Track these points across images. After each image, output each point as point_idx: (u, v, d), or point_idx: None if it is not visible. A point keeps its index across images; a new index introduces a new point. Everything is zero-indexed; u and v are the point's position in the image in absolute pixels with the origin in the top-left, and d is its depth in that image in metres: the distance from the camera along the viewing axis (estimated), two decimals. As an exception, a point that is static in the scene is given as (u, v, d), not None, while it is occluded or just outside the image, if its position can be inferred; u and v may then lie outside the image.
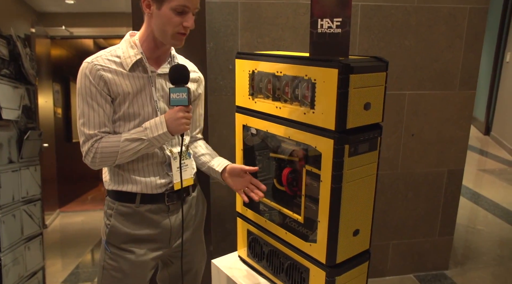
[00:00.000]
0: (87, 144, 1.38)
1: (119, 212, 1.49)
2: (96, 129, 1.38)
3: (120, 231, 1.49)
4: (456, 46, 2.51)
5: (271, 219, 1.58)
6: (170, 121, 1.39)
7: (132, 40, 1.45)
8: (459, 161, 2.73)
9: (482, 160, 5.82)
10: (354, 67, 1.20)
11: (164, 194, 1.51)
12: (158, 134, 1.39)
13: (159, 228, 1.53)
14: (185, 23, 1.37)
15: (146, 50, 1.44)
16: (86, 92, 1.37)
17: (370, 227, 1.44)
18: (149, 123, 1.40)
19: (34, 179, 2.94)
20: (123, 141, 1.38)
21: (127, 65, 1.41)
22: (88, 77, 1.36)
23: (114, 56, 1.42)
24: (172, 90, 1.38)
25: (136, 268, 1.51)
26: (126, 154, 1.39)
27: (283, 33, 2.28)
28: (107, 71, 1.38)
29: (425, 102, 2.57)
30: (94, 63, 1.37)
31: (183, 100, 1.38)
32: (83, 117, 1.38)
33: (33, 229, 2.86)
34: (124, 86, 1.40)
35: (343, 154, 1.25)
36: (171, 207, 1.54)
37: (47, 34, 5.06)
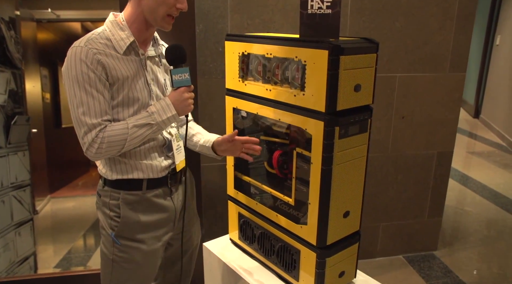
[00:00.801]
0: (90, 134, 1.29)
1: (126, 201, 1.44)
2: (99, 118, 1.30)
3: (131, 221, 1.44)
4: (447, 28, 2.51)
5: (262, 201, 1.59)
6: (177, 103, 1.37)
7: (119, 21, 1.38)
8: (449, 143, 2.75)
9: (471, 143, 5.88)
10: (344, 48, 1.19)
11: (167, 177, 1.50)
12: (167, 117, 1.36)
13: (165, 211, 1.51)
14: (178, 4, 1.33)
15: (135, 32, 1.38)
16: (84, 78, 1.28)
17: (360, 208, 1.45)
18: (155, 107, 1.36)
19: (23, 164, 2.91)
20: (131, 128, 1.32)
21: (121, 49, 1.35)
22: (85, 62, 1.28)
23: (104, 39, 1.34)
24: (173, 71, 1.35)
25: (149, 257, 1.50)
26: (134, 140, 1.34)
27: (273, 15, 2.26)
28: (103, 55, 1.31)
29: (416, 85, 2.57)
30: (89, 47, 1.29)
31: (186, 81, 1.37)
32: (82, 106, 1.29)
33: (23, 214, 2.85)
34: (123, 71, 1.34)
35: (333, 135, 1.25)
36: (173, 189, 1.53)
37: (32, 17, 4.94)
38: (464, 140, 5.96)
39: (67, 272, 2.65)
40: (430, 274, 2.75)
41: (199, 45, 2.19)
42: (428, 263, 2.87)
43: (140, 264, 1.49)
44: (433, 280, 2.70)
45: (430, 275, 2.74)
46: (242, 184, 1.68)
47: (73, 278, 2.36)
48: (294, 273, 1.47)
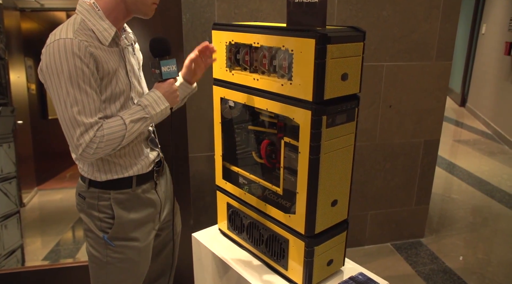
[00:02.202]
0: (88, 134, 1.22)
1: (117, 200, 1.41)
2: (95, 116, 1.23)
3: (126, 220, 1.43)
4: (433, 17, 2.51)
5: (250, 191, 1.59)
6: (167, 95, 1.36)
7: (94, 9, 1.28)
8: (435, 131, 2.78)
9: (457, 131, 5.96)
10: (331, 37, 1.18)
11: (153, 171, 1.50)
12: (160, 110, 1.34)
13: (153, 205, 1.51)
14: None
15: (113, 21, 1.32)
16: (77, 74, 1.18)
17: (348, 197, 1.46)
18: (147, 100, 1.33)
19: (8, 156, 2.87)
20: (129, 123, 1.28)
21: (106, 40, 1.28)
22: (79, 56, 1.18)
23: (87, 29, 1.25)
24: (163, 63, 1.34)
25: (143, 253, 1.50)
26: (131, 136, 1.31)
27: (260, 4, 2.24)
28: (93, 48, 1.23)
29: (403, 74, 2.58)
30: (80, 39, 1.19)
31: (173, 72, 1.37)
32: (77, 105, 1.20)
33: (9, 207, 2.81)
34: (111, 63, 1.29)
35: (321, 125, 1.25)
36: (157, 182, 1.53)
37: (15, 6, 4.84)
38: (451, 128, 6.03)
39: (56, 264, 2.63)
40: (417, 261, 2.80)
41: (186, 34, 2.17)
42: (415, 250, 2.92)
43: (136, 261, 1.48)
44: (420, 266, 2.75)
45: (417, 262, 2.79)
46: (230, 174, 1.68)
47: (62, 270, 2.35)
48: (283, 262, 1.48)
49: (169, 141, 1.70)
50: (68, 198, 4.70)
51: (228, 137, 1.67)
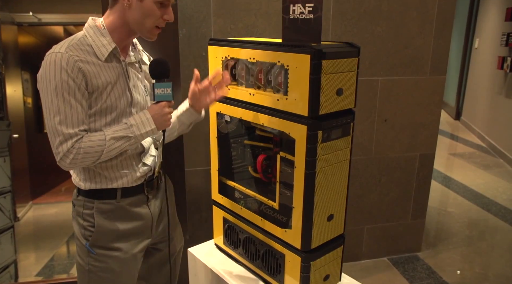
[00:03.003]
0: (66, 144, 1.26)
1: (100, 210, 1.42)
2: (76, 128, 1.27)
3: (106, 230, 1.43)
4: (427, 32, 2.55)
5: (246, 206, 1.58)
6: (157, 117, 1.35)
7: (99, 26, 1.35)
8: (430, 145, 2.80)
9: (452, 144, 5.99)
10: (326, 53, 1.20)
11: (143, 184, 1.49)
12: (145, 131, 1.35)
13: (141, 219, 1.50)
14: (165, 16, 1.33)
15: (116, 39, 1.36)
16: (63, 86, 1.24)
17: (344, 212, 1.46)
18: (134, 120, 1.34)
19: (4, 170, 2.85)
20: (109, 140, 1.30)
21: (102, 55, 1.32)
22: (66, 70, 1.24)
23: (85, 45, 1.31)
24: (156, 85, 1.34)
25: (125, 264, 1.48)
26: (111, 152, 1.32)
27: (256, 20, 2.26)
28: (85, 63, 1.28)
29: (397, 88, 2.61)
30: (70, 54, 1.26)
31: (168, 96, 1.35)
32: (59, 115, 1.25)
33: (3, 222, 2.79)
34: (103, 78, 1.32)
35: (317, 139, 1.26)
36: (150, 196, 1.52)
37: (13, 20, 4.87)
38: (446, 142, 6.06)
39: (49, 280, 2.60)
40: (414, 276, 2.78)
41: (183, 49, 2.19)
42: (412, 264, 2.91)
43: (117, 272, 1.47)
44: (417, 281, 2.73)
45: (414, 277, 2.77)
46: (226, 188, 1.68)
47: (56, 286, 2.32)
48: (279, 278, 1.47)
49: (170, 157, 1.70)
50: (63, 212, 4.66)
51: (224, 152, 1.67)
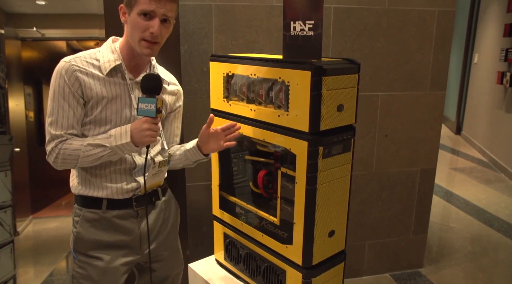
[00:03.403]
0: (52, 143, 1.36)
1: (85, 218, 1.47)
2: (63, 130, 1.36)
3: (86, 238, 1.47)
4: (426, 47, 2.57)
5: (247, 221, 1.58)
6: (135, 132, 1.35)
7: (114, 46, 1.44)
8: (431, 160, 2.80)
9: (453, 159, 5.98)
10: (326, 69, 1.21)
11: (132, 199, 1.49)
12: (121, 143, 1.35)
13: (127, 234, 1.50)
14: (150, 29, 1.33)
15: (125, 57, 1.43)
16: (59, 91, 1.34)
17: (346, 227, 1.46)
18: (115, 131, 1.37)
19: (5, 185, 2.85)
20: (86, 145, 1.35)
21: (105, 70, 1.39)
22: (64, 77, 1.34)
23: (93, 59, 1.40)
24: (140, 100, 1.33)
25: (105, 275, 1.48)
26: (87, 158, 1.36)
27: (257, 36, 2.29)
28: (83, 74, 1.36)
29: (398, 103, 2.62)
30: (72, 64, 1.35)
31: (150, 112, 1.32)
32: (52, 116, 1.36)
33: (3, 236, 2.77)
34: (98, 91, 1.38)
35: (317, 155, 1.26)
36: (140, 212, 1.51)
37: (17, 35, 4.93)
38: (447, 156, 6.05)
39: (48, 296, 2.57)
40: (416, 292, 2.75)
41: (184, 65, 2.21)
42: (414, 281, 2.88)
43: (96, 280, 1.48)
44: (419, 297, 2.70)
45: (416, 293, 2.75)
46: (227, 203, 1.67)
47: (54, 302, 2.30)
48: (280, 294, 1.46)
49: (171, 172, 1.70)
50: (63, 226, 4.64)
51: (225, 167, 1.67)
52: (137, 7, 1.33)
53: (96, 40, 5.65)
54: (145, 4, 1.31)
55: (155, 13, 1.33)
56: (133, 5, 1.33)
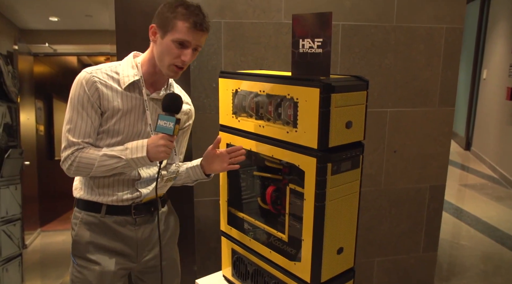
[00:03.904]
0: (68, 150, 1.39)
1: (84, 221, 1.50)
2: (81, 138, 1.39)
3: (84, 241, 1.49)
4: (434, 64, 2.58)
5: (255, 237, 1.57)
6: (151, 147, 1.38)
7: (134, 61, 1.48)
8: (441, 176, 2.77)
9: (463, 175, 5.92)
10: (335, 86, 1.22)
11: (131, 206, 1.51)
12: (137, 157, 1.39)
13: (125, 241, 1.52)
14: (182, 57, 1.39)
15: (145, 73, 1.47)
16: (78, 100, 1.38)
17: (354, 244, 1.44)
18: (131, 144, 1.40)
19: (15, 198, 2.87)
20: (102, 155, 1.38)
21: (124, 84, 1.43)
22: (84, 87, 1.38)
23: (113, 72, 1.44)
24: (160, 116, 1.38)
25: (102, 279, 1.49)
26: (101, 168, 1.39)
27: (265, 52, 2.31)
28: (103, 85, 1.40)
29: (406, 119, 2.61)
30: (93, 75, 1.39)
31: (168, 129, 1.37)
32: (70, 124, 1.39)
33: (12, 250, 2.79)
34: (115, 103, 1.41)
35: (326, 172, 1.26)
36: (138, 220, 1.53)
37: (30, 51, 5.02)
38: (456, 173, 5.99)
39: (55, 310, 2.57)
40: (426, 311, 2.70)
41: (193, 81, 2.23)
42: (424, 298, 2.83)
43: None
44: (430, 316, 2.65)
45: (426, 312, 2.69)
46: (235, 219, 1.67)
47: (61, 317, 2.29)
48: (288, 312, 1.45)
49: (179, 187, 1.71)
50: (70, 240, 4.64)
51: (234, 183, 1.68)
52: (174, 34, 1.36)
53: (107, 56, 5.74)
54: (182, 33, 1.35)
55: (190, 43, 1.38)
56: (169, 30, 1.36)
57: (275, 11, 2.28)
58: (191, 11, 1.37)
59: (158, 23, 1.39)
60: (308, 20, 1.34)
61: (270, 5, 2.27)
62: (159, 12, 1.40)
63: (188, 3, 1.39)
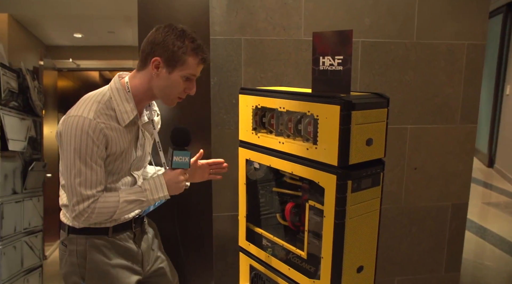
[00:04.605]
0: (83, 204, 1.32)
1: (93, 244, 1.43)
2: (94, 189, 1.33)
3: (100, 264, 1.44)
4: (456, 80, 2.55)
5: (274, 254, 1.57)
6: (171, 184, 1.41)
7: (125, 89, 1.39)
8: (463, 195, 2.72)
9: (486, 193, 5.77)
10: (356, 104, 1.22)
11: (132, 220, 1.51)
12: (158, 196, 1.41)
13: (131, 254, 1.52)
14: (187, 90, 1.42)
15: (137, 102, 1.42)
16: (87, 152, 1.30)
17: (374, 263, 1.42)
18: (149, 184, 1.40)
19: (37, 210, 2.93)
20: (122, 202, 1.36)
21: (123, 121, 1.37)
22: (91, 137, 1.29)
23: (110, 109, 1.36)
24: (175, 153, 1.40)
25: None
26: (122, 213, 1.39)
27: (285, 69, 2.33)
28: (109, 130, 1.34)
29: (427, 136, 2.58)
30: (98, 121, 1.31)
31: (184, 164, 1.41)
32: (80, 177, 1.31)
33: (33, 261, 2.83)
34: (121, 144, 1.38)
35: (346, 189, 1.25)
36: (136, 233, 1.55)
37: (54, 66, 5.17)
38: (479, 190, 5.85)
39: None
40: (449, 333, 2.62)
41: (214, 97, 2.26)
42: (446, 320, 2.75)
43: None
44: None
45: (449, 334, 2.61)
46: (254, 235, 1.67)
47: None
48: (306, 331, 1.43)
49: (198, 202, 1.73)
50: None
51: (252, 199, 1.68)
52: (184, 70, 1.36)
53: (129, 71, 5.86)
54: (193, 69, 1.38)
55: (195, 76, 1.41)
56: (179, 66, 1.35)
57: (295, 28, 2.31)
58: (197, 45, 1.37)
59: (165, 57, 1.34)
60: (328, 37, 1.36)
61: (290, 22, 2.30)
62: (163, 44, 1.34)
63: (190, 34, 1.37)
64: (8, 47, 3.60)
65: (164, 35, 1.35)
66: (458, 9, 2.47)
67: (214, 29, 2.22)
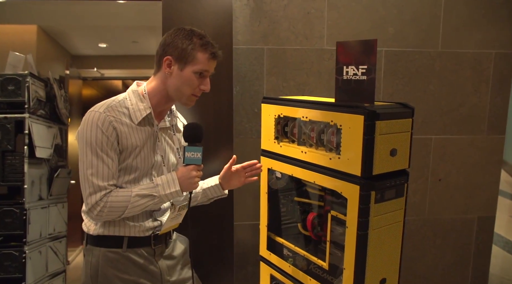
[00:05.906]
0: (95, 195, 1.34)
1: (106, 258, 1.43)
2: (106, 181, 1.35)
3: (112, 280, 1.42)
4: (482, 90, 2.50)
5: (295, 264, 1.55)
6: (183, 180, 1.40)
7: (141, 92, 1.45)
8: (490, 207, 2.64)
9: (514, 206, 5.60)
10: (380, 114, 1.21)
11: (151, 237, 1.48)
12: (170, 192, 1.40)
13: (148, 272, 1.48)
14: (202, 86, 1.43)
15: (154, 104, 1.45)
16: (97, 143, 1.34)
17: (398, 275, 1.39)
18: (161, 180, 1.40)
19: (62, 215, 2.99)
20: (134, 196, 1.36)
21: (136, 119, 1.41)
22: (100, 129, 1.34)
23: (123, 107, 1.41)
24: (187, 149, 1.39)
25: None
26: (135, 209, 1.38)
27: (307, 78, 2.33)
28: (119, 123, 1.38)
29: (452, 147, 2.53)
30: (107, 114, 1.36)
31: (197, 160, 1.40)
32: (92, 168, 1.34)
33: (57, 265, 2.88)
34: (133, 140, 1.40)
35: (369, 200, 1.24)
36: (157, 251, 1.51)
37: (79, 75, 5.30)
38: (506, 203, 5.67)
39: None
40: None
41: (236, 105, 2.27)
42: None
43: None
44: None
45: None
46: (275, 245, 1.66)
47: None
48: None
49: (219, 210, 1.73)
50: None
51: (274, 208, 1.67)
52: (195, 65, 1.39)
53: (149, 79, 5.96)
54: (204, 64, 1.39)
55: (208, 72, 1.42)
56: (189, 62, 1.38)
57: (317, 38, 2.31)
58: (206, 41, 1.40)
59: (176, 55, 1.39)
60: (352, 47, 1.35)
61: (313, 31, 2.30)
62: (172, 44, 1.39)
63: (198, 32, 1.42)
64: (36, 57, 3.71)
65: (174, 36, 1.41)
66: (485, 17, 2.43)
67: (237, 38, 2.24)
